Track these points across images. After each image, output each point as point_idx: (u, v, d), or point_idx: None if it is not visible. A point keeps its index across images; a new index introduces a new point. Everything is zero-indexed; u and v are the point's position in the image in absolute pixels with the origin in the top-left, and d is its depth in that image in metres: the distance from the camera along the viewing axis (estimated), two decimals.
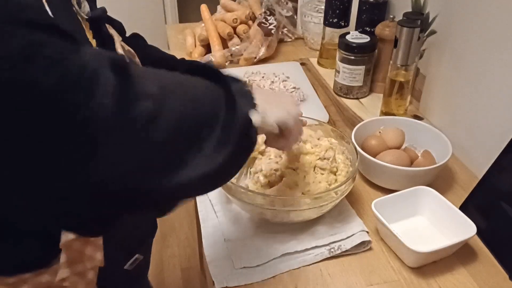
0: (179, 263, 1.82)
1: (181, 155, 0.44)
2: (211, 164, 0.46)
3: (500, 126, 0.83)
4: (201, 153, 0.45)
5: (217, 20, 1.37)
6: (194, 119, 0.46)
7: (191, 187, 0.47)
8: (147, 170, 0.42)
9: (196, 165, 0.44)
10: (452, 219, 0.74)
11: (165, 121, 0.42)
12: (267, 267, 0.71)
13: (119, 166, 0.40)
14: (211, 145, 0.46)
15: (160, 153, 0.42)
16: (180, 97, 0.46)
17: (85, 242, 0.57)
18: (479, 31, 0.87)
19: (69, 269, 0.57)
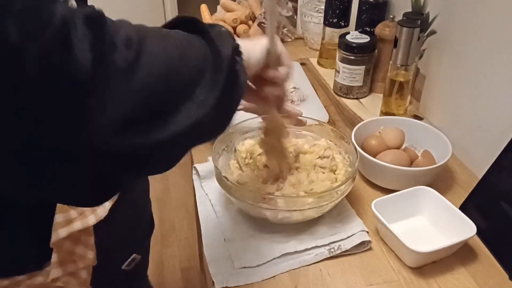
0: (179, 263, 1.83)
1: (169, 104, 0.43)
2: (203, 108, 0.45)
3: (500, 126, 0.83)
4: (192, 99, 0.44)
5: (217, 20, 1.37)
6: (180, 66, 0.45)
7: (186, 135, 0.45)
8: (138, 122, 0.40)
9: (189, 112, 0.43)
10: (452, 219, 0.74)
11: (146, 68, 0.40)
12: (267, 267, 0.71)
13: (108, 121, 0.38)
14: (201, 90, 0.45)
15: (148, 104, 0.41)
16: (161, 44, 0.44)
17: (76, 241, 0.57)
18: (479, 31, 0.87)
19: (61, 269, 0.57)
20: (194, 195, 0.89)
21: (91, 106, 0.37)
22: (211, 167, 0.88)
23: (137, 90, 0.39)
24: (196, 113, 0.44)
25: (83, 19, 0.37)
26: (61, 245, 0.56)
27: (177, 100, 0.43)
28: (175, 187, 2.18)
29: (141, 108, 0.40)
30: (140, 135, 0.40)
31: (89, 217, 0.56)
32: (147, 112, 0.41)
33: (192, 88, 0.44)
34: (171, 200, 2.12)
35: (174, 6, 2.97)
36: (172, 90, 0.43)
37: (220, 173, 0.74)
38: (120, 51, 0.39)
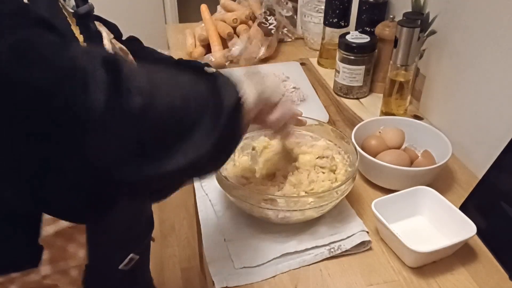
0: (179, 263, 1.83)
1: (171, 144, 0.46)
2: (199, 151, 0.48)
3: (500, 126, 0.83)
4: (190, 141, 0.47)
5: (217, 20, 1.37)
6: (183, 110, 0.48)
7: (181, 173, 0.49)
8: (139, 158, 0.44)
9: (186, 152, 0.47)
10: (452, 219, 0.74)
11: (155, 113, 0.44)
12: (267, 267, 0.71)
13: (113, 155, 0.42)
14: (200, 133, 0.48)
15: (150, 143, 0.44)
16: (169, 91, 0.48)
17: (68, 239, 0.57)
18: (479, 31, 0.87)
19: (51, 266, 0.57)
20: (194, 195, 0.89)
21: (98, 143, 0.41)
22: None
23: (143, 131, 0.44)
24: (192, 155, 0.47)
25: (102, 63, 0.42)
26: (52, 242, 0.56)
27: (177, 142, 0.47)
28: None
29: (143, 147, 0.44)
30: (139, 170, 0.44)
31: None
32: (148, 151, 0.45)
33: (191, 132, 0.48)
34: (171, 200, 2.12)
35: (174, 6, 2.97)
36: (173, 132, 0.47)
37: (220, 173, 0.74)
38: (133, 96, 0.42)
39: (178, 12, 3.00)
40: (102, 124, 0.41)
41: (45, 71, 0.38)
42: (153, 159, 0.45)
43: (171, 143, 0.46)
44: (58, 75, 0.39)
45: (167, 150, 0.46)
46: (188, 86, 0.52)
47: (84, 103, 0.39)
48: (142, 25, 2.55)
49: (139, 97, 0.43)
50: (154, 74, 0.49)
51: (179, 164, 0.46)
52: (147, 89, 0.45)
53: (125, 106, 0.42)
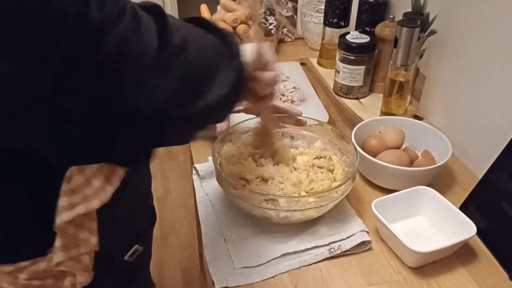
0: (179, 263, 1.83)
1: (202, 82, 0.53)
2: (222, 90, 0.55)
3: (500, 126, 0.83)
4: (214, 82, 0.54)
5: (217, 20, 1.37)
6: (208, 54, 0.56)
7: (209, 112, 0.55)
8: (181, 95, 0.49)
9: (213, 91, 0.53)
10: (452, 219, 0.74)
11: (191, 50, 0.51)
12: (267, 267, 0.71)
13: (160, 93, 0.46)
14: (220, 75, 0.55)
15: (190, 79, 0.51)
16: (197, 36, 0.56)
17: (80, 226, 0.58)
18: (479, 31, 0.87)
19: (64, 253, 0.58)
20: (194, 195, 0.89)
21: (152, 82, 0.45)
22: (211, 167, 0.88)
23: (185, 68, 0.49)
24: (219, 93, 0.54)
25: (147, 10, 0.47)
26: (65, 230, 0.57)
27: (207, 80, 0.54)
28: (175, 187, 2.19)
29: (186, 84, 0.50)
30: (181, 105, 0.50)
31: (92, 201, 0.57)
32: (190, 88, 0.51)
33: (216, 71, 0.55)
34: (171, 200, 2.12)
35: (174, 6, 2.97)
36: (204, 71, 0.54)
37: (220, 173, 0.74)
38: (175, 35, 0.48)
39: (178, 12, 2.99)
40: (155, 62, 0.45)
41: (104, 10, 0.41)
42: (193, 97, 0.51)
43: (204, 81, 0.53)
44: (116, 15, 0.42)
45: (202, 88, 0.52)
46: (204, 34, 0.59)
47: (139, 42, 0.44)
48: None
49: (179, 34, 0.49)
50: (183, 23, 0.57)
51: (210, 101, 0.52)
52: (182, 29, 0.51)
53: (171, 42, 0.47)
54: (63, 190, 0.55)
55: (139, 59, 0.44)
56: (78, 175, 0.55)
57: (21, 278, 0.58)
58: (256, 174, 0.79)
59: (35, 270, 0.58)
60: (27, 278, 0.58)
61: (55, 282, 0.60)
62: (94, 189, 0.56)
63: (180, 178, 2.21)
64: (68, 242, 0.58)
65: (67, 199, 0.55)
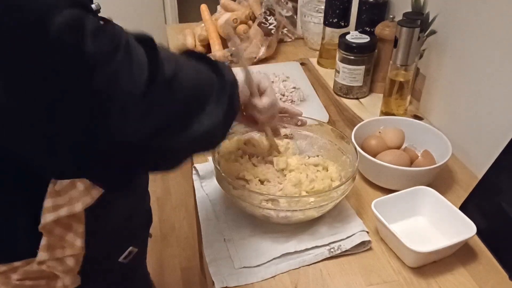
0: (179, 263, 1.82)
1: (191, 114, 0.53)
2: (212, 120, 0.55)
3: (500, 126, 0.83)
4: (204, 112, 0.54)
5: (217, 20, 1.37)
6: (199, 85, 0.56)
7: (197, 142, 0.55)
8: (169, 126, 0.50)
9: (202, 122, 0.54)
10: (452, 219, 0.74)
11: (181, 82, 0.51)
12: (267, 267, 0.71)
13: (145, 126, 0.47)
14: (211, 105, 0.56)
15: (178, 111, 0.51)
16: (188, 68, 0.56)
17: (66, 228, 0.58)
18: (479, 31, 0.87)
19: (48, 253, 0.58)
20: (194, 195, 0.89)
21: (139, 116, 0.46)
22: (211, 167, 0.88)
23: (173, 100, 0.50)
24: (208, 125, 0.54)
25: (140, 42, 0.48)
26: (51, 230, 0.57)
27: (196, 112, 0.54)
28: (175, 187, 2.19)
29: (173, 115, 0.50)
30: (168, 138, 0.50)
31: (76, 204, 0.57)
32: (177, 119, 0.51)
33: (205, 103, 0.55)
34: (171, 200, 2.12)
35: (174, 6, 2.97)
36: (193, 103, 0.54)
37: (220, 173, 0.74)
38: (166, 68, 0.49)
39: (178, 12, 3.00)
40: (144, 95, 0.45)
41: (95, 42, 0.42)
42: (181, 128, 0.51)
43: (193, 113, 0.53)
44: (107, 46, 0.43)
45: (190, 119, 0.53)
46: (196, 66, 0.59)
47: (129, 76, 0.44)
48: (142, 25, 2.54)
49: (169, 67, 0.50)
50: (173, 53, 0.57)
51: (197, 132, 0.53)
52: (172, 61, 0.51)
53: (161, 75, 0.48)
54: (48, 191, 0.55)
55: (128, 93, 0.45)
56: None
57: (13, 279, 0.58)
58: (255, 173, 0.79)
59: (28, 271, 0.58)
60: (20, 278, 0.58)
61: (48, 283, 0.60)
62: (78, 192, 0.57)
63: (180, 178, 2.21)
64: (54, 242, 0.58)
65: (51, 201, 0.56)
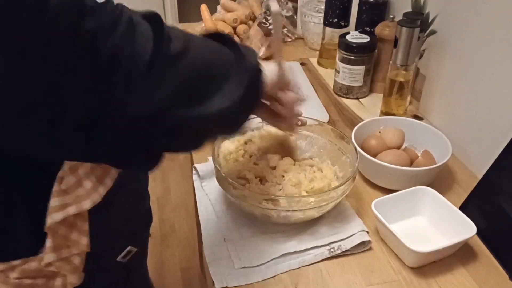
0: (179, 263, 1.82)
1: (204, 90, 0.52)
2: (228, 101, 0.54)
3: (500, 126, 0.83)
4: (220, 92, 0.53)
5: (217, 20, 1.37)
6: (213, 64, 0.55)
7: (211, 121, 0.54)
8: (177, 101, 0.49)
9: (216, 100, 0.52)
10: (452, 219, 0.74)
11: (191, 58, 0.50)
12: (267, 267, 0.71)
13: (157, 98, 0.46)
14: (228, 86, 0.54)
15: (188, 86, 0.50)
16: (201, 46, 0.55)
17: (71, 227, 0.58)
18: (479, 31, 0.87)
19: (55, 254, 0.58)
20: (194, 195, 0.89)
21: (147, 87, 0.46)
22: (211, 167, 0.88)
23: (181, 75, 0.49)
24: (223, 103, 0.53)
25: (145, 18, 0.48)
26: (56, 230, 0.57)
27: (209, 90, 0.52)
28: (175, 187, 2.18)
29: (182, 90, 0.49)
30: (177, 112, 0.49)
31: (84, 202, 0.57)
32: (186, 94, 0.50)
33: (221, 83, 0.54)
34: (171, 200, 2.12)
35: (174, 6, 2.97)
36: (206, 80, 0.53)
37: (220, 173, 0.74)
38: (173, 43, 0.48)
39: (178, 12, 2.99)
40: (149, 69, 0.45)
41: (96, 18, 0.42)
42: (190, 104, 0.50)
43: (205, 90, 0.52)
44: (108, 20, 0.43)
45: (201, 96, 0.51)
46: (214, 46, 0.58)
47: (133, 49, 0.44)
48: None
49: (178, 43, 0.49)
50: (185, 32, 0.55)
51: (211, 110, 0.52)
52: (182, 38, 0.51)
53: (168, 51, 0.47)
54: (54, 190, 0.55)
55: (133, 65, 0.44)
56: (70, 176, 0.55)
57: (12, 277, 0.58)
58: (255, 173, 0.79)
59: (27, 269, 0.58)
60: (18, 277, 0.58)
61: (46, 282, 0.60)
62: (85, 190, 0.57)
63: (180, 178, 2.21)
64: (59, 242, 0.58)
65: (58, 200, 0.56)
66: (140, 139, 0.49)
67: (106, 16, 0.43)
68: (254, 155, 0.83)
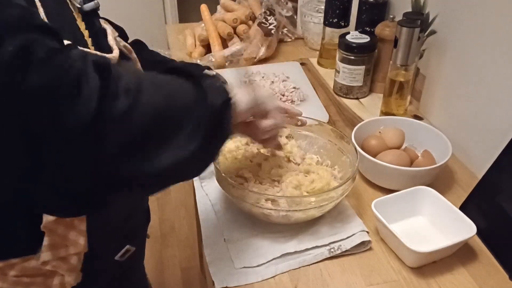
0: (179, 263, 1.83)
1: (155, 144, 0.49)
2: (183, 152, 0.50)
3: (500, 126, 0.83)
4: (174, 143, 0.50)
5: (217, 20, 1.37)
6: (168, 112, 0.50)
7: (166, 173, 0.51)
8: (124, 157, 0.46)
9: (170, 153, 0.49)
10: (452, 219, 0.74)
11: (139, 115, 0.47)
12: (267, 267, 0.71)
13: (97, 154, 0.45)
14: (184, 135, 0.50)
15: (135, 142, 0.47)
16: (154, 94, 0.50)
17: (69, 226, 0.58)
18: (479, 31, 0.87)
19: (51, 253, 0.58)
20: (194, 195, 0.89)
21: (89, 144, 0.44)
22: (211, 167, 0.88)
23: (128, 133, 0.46)
24: (176, 156, 0.50)
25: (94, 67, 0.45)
26: (53, 229, 0.57)
27: (162, 143, 0.49)
28: (175, 187, 2.18)
29: (129, 146, 0.46)
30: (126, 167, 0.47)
31: None
32: (134, 149, 0.47)
33: (176, 134, 0.50)
34: (171, 200, 2.12)
35: (174, 6, 2.97)
36: (158, 133, 0.49)
37: (220, 173, 0.74)
38: (120, 100, 0.45)
39: (178, 12, 2.99)
40: (91, 127, 0.43)
41: (41, 74, 0.41)
42: (137, 159, 0.47)
43: (155, 144, 0.48)
44: (53, 78, 0.42)
45: (152, 150, 0.48)
46: (176, 89, 0.54)
47: (75, 107, 0.42)
48: (142, 25, 2.55)
49: (125, 100, 0.45)
50: (142, 77, 0.52)
51: (162, 164, 0.49)
52: (132, 92, 0.47)
53: (113, 110, 0.44)
54: None
55: (71, 129, 0.43)
56: None
57: (10, 275, 0.58)
58: (253, 172, 0.79)
59: (25, 268, 0.58)
60: (17, 275, 0.58)
61: (44, 281, 0.61)
62: None
63: None
64: (56, 241, 0.58)
65: None
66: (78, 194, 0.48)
67: (53, 72, 0.42)
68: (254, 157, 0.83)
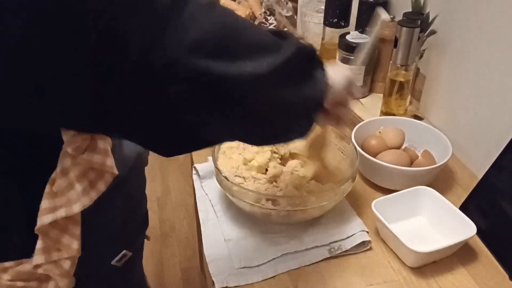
0: (179, 263, 1.82)
1: (242, 47, 0.47)
2: (278, 60, 0.48)
3: (500, 126, 0.83)
4: (270, 52, 0.48)
5: None
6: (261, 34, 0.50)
7: (259, 81, 0.48)
8: (209, 48, 0.44)
9: (260, 62, 0.47)
10: (452, 219, 0.74)
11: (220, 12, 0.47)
12: (267, 267, 0.71)
13: (186, 43, 0.43)
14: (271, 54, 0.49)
15: (219, 34, 0.45)
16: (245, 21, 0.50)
17: (62, 230, 0.58)
18: (479, 31, 0.87)
19: (44, 256, 0.57)
20: (194, 195, 0.89)
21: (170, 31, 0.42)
22: (211, 167, 0.88)
23: (212, 21, 0.45)
24: (269, 64, 0.47)
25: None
26: (47, 232, 0.56)
27: (249, 48, 0.47)
28: (175, 187, 2.19)
29: (212, 37, 0.44)
30: (209, 60, 0.44)
31: (74, 206, 0.56)
32: (217, 43, 0.45)
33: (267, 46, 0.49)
34: (171, 200, 2.12)
35: None
36: (244, 38, 0.47)
37: (220, 173, 0.74)
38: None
39: None
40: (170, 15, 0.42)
41: None
42: (222, 56, 0.45)
43: (242, 48, 0.47)
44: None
45: (237, 51, 0.46)
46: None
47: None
48: None
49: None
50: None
51: (254, 68, 0.46)
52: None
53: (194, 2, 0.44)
54: (46, 192, 0.55)
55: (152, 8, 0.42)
56: (62, 178, 0.55)
57: (4, 279, 0.58)
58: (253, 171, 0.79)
59: (19, 272, 0.58)
60: (11, 279, 0.58)
61: (39, 285, 0.60)
62: (76, 193, 0.56)
63: (180, 178, 2.21)
64: (50, 245, 0.57)
65: (48, 202, 0.55)
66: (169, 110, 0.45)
67: None
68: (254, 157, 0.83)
